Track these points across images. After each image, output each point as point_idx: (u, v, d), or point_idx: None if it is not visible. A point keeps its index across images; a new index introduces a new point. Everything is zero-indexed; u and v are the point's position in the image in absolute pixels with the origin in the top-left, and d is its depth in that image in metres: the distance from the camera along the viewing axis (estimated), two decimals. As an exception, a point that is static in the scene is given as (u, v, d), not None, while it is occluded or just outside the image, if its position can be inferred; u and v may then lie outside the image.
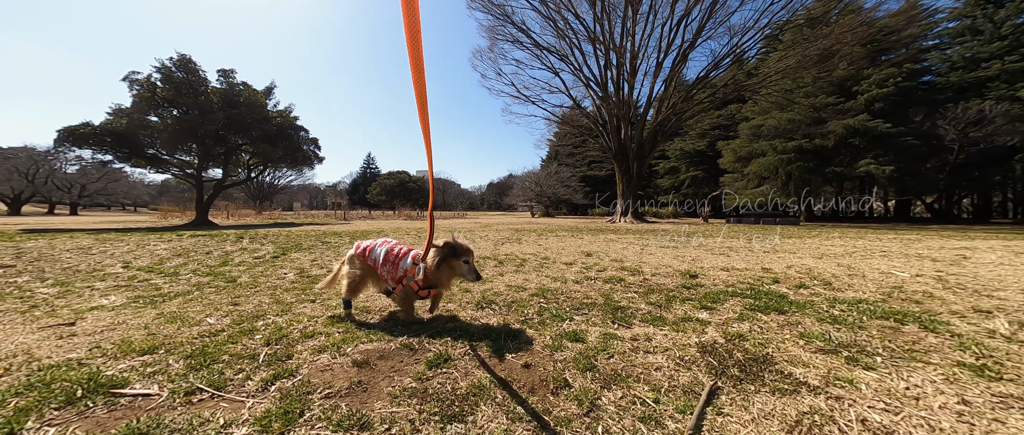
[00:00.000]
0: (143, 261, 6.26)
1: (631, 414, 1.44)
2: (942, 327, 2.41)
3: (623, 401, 1.54)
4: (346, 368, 1.92)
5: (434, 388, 1.68)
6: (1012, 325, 2.47)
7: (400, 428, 1.39)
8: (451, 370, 1.87)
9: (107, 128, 17.41)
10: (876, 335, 2.27)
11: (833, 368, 1.81)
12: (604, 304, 3.01)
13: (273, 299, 3.56)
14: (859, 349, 2.02)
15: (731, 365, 1.84)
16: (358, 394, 1.66)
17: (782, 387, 1.61)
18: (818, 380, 1.68)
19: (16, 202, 37.59)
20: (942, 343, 2.15)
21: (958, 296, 3.33)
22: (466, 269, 2.42)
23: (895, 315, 2.66)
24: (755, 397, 1.53)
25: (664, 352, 2.03)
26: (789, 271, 4.62)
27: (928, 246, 7.79)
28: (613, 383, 1.69)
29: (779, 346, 2.10)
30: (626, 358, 1.96)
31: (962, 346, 2.08)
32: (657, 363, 1.89)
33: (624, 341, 2.22)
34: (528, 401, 1.56)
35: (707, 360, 1.90)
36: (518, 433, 1.35)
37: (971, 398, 1.52)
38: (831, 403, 1.48)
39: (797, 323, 2.51)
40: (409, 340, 2.27)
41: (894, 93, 23.95)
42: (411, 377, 1.80)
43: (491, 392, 1.63)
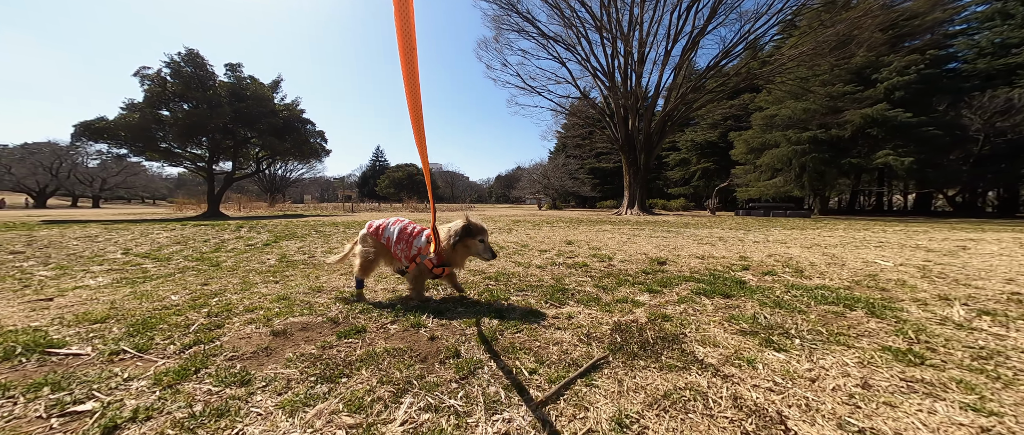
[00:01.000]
0: (143, 248, 6.49)
1: (500, 382, 1.43)
2: (891, 313, 2.31)
3: (501, 371, 1.54)
4: (263, 337, 1.99)
5: (330, 355, 1.73)
6: (970, 313, 2.35)
7: (275, 386, 1.45)
8: (358, 341, 1.92)
9: (121, 123, 17.97)
10: (813, 319, 2.19)
11: (742, 349, 1.76)
12: (551, 286, 3.00)
13: (242, 280, 3.66)
14: (783, 332, 1.95)
15: (635, 343, 1.80)
16: (259, 358, 1.72)
17: (674, 364, 1.57)
18: (717, 359, 1.63)
19: (41, 195, 39.30)
20: (881, 328, 2.06)
21: (933, 284, 3.18)
22: (482, 248, 2.45)
23: (848, 301, 2.56)
24: (638, 372, 1.50)
25: (575, 330, 2.01)
26: (767, 259, 4.50)
27: (932, 237, 7.48)
28: (504, 355, 1.68)
29: (700, 327, 2.04)
30: (533, 334, 1.95)
31: (900, 332, 1.98)
32: (560, 339, 1.88)
33: (544, 319, 2.21)
34: (412, 367, 1.59)
35: (614, 338, 1.87)
36: (380, 392, 1.37)
37: (876, 382, 1.45)
38: (714, 381, 1.44)
39: (736, 307, 2.44)
40: (336, 314, 2.33)
41: (916, 81, 22.92)
42: (316, 346, 1.85)
43: (380, 360, 1.67)
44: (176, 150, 19.87)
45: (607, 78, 24.46)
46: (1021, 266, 4.03)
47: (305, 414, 1.26)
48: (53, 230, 8.64)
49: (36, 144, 40.76)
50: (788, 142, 27.67)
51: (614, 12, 22.61)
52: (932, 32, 24.37)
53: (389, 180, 50.53)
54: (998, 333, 2.00)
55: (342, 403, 1.32)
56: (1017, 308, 2.44)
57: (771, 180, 30.22)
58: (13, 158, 39.21)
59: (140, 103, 18.48)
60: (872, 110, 23.12)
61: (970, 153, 23.21)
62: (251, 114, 19.20)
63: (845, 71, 25.33)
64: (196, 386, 1.45)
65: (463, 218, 2.48)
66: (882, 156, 23.02)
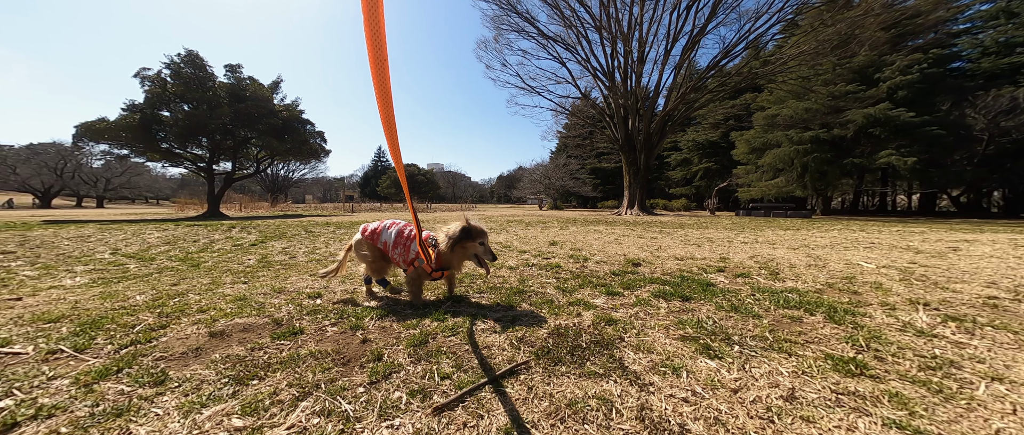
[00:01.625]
0: (132, 248, 6.54)
1: (408, 387, 1.42)
2: (851, 318, 2.25)
3: (415, 375, 1.53)
4: (200, 337, 2.00)
5: (255, 357, 1.73)
6: (936, 318, 2.29)
7: (186, 386, 1.46)
8: (290, 343, 1.92)
9: (121, 123, 18.13)
10: (765, 325, 2.14)
11: (674, 355, 1.72)
12: (512, 288, 2.97)
13: (213, 280, 3.67)
14: (725, 338, 1.91)
15: (565, 348, 1.77)
16: (186, 359, 1.73)
17: (595, 371, 1.54)
18: (643, 367, 1.60)
19: (46, 196, 39.77)
20: (834, 334, 2.01)
21: (909, 287, 3.12)
22: (483, 250, 2.41)
23: (811, 305, 2.51)
24: (555, 379, 1.48)
25: (512, 333, 1.99)
26: (747, 261, 4.45)
27: (926, 238, 7.38)
28: (425, 359, 1.67)
29: (642, 332, 2.01)
30: (467, 337, 1.93)
31: (851, 339, 1.93)
32: (492, 342, 1.86)
33: (486, 321, 2.19)
34: (329, 370, 1.59)
35: (546, 342, 1.84)
36: (284, 395, 1.38)
37: (804, 393, 1.41)
38: (629, 390, 1.40)
39: (690, 310, 2.40)
40: (283, 315, 2.33)
41: (919, 80, 22.67)
42: (246, 347, 1.85)
43: (301, 362, 1.66)
44: (176, 150, 20.02)
45: (607, 78, 24.40)
46: (1008, 268, 3.96)
47: (200, 415, 1.25)
48: (48, 230, 8.72)
49: (41, 144, 41.27)
50: (790, 142, 27.45)
51: (613, 11, 22.54)
52: (935, 31, 24.10)
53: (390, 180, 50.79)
54: (959, 341, 1.95)
55: (240, 405, 1.31)
56: (990, 313, 2.38)
57: (773, 180, 29.99)
58: (19, 158, 39.72)
59: (141, 104, 18.63)
60: (875, 109, 22.90)
61: (974, 153, 22.91)
62: (250, 115, 19.32)
63: (847, 70, 25.11)
64: (111, 385, 1.46)
65: (462, 220, 2.42)
66: (885, 156, 22.78)
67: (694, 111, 26.60)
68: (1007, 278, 3.46)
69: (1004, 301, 2.64)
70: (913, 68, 22.77)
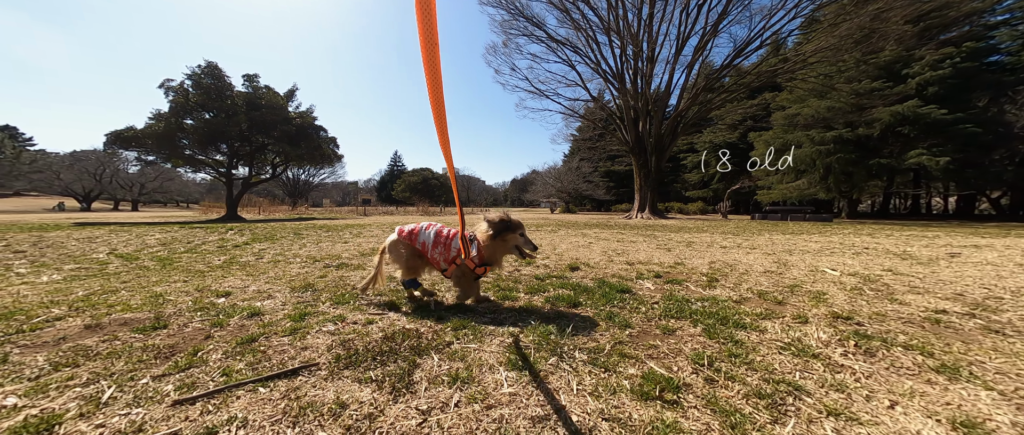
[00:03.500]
0: (129, 248, 6.84)
1: (186, 380, 1.55)
2: (730, 333, 2.07)
3: (211, 370, 1.65)
4: (75, 329, 2.19)
5: (97, 347, 1.88)
6: (838, 337, 2.05)
7: (8, 368, 1.64)
8: (140, 337, 2.07)
9: (148, 131, 19.11)
10: (621, 336, 2.03)
11: (479, 365, 1.69)
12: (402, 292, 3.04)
13: (161, 279, 3.84)
14: (556, 349, 1.84)
15: (373, 351, 1.82)
16: (40, 347, 1.91)
17: (372, 378, 1.58)
18: (430, 375, 1.60)
19: (87, 199, 42.37)
20: (690, 350, 1.85)
21: (853, 299, 2.87)
22: (523, 241, 2.44)
23: (706, 315, 2.38)
24: (329, 382, 1.55)
25: (337, 335, 2.07)
26: (700, 266, 4.34)
27: (931, 244, 6.94)
28: (235, 355, 1.80)
29: (481, 339, 2.00)
30: (297, 337, 2.04)
31: (698, 357, 1.76)
32: (310, 343, 1.94)
33: (333, 323, 2.27)
34: (143, 360, 1.75)
35: (358, 344, 1.90)
36: (74, 380, 1.56)
37: (572, 410, 1.33)
38: (379, 397, 1.42)
39: (563, 319, 2.34)
40: (172, 312, 2.49)
41: (951, 75, 21.37)
42: (101, 337, 2.02)
43: (123, 355, 1.80)
44: (198, 157, 20.96)
45: (617, 80, 24.08)
46: (995, 279, 3.66)
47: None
48: (64, 232, 9.24)
49: (83, 151, 44.07)
50: (811, 142, 26.37)
51: (622, 11, 22.26)
52: (970, 23, 22.66)
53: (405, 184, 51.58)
54: (842, 363, 1.72)
55: (28, 387, 1.47)
56: (920, 331, 2.15)
57: (794, 182, 28.87)
58: (62, 165, 42.53)
59: (166, 113, 19.61)
60: (903, 107, 21.74)
61: (1016, 152, 21.39)
62: (266, 122, 20.02)
63: (872, 67, 23.95)
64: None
65: (501, 212, 2.47)
66: (914, 156, 21.57)
67: (710, 112, 25.90)
68: (984, 289, 3.20)
69: (951, 317, 2.41)
70: (945, 63, 21.49)
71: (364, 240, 7.28)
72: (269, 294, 2.97)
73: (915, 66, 22.74)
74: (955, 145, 20.66)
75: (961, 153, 20.56)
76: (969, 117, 20.33)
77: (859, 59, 21.97)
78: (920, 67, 22.47)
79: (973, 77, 21.46)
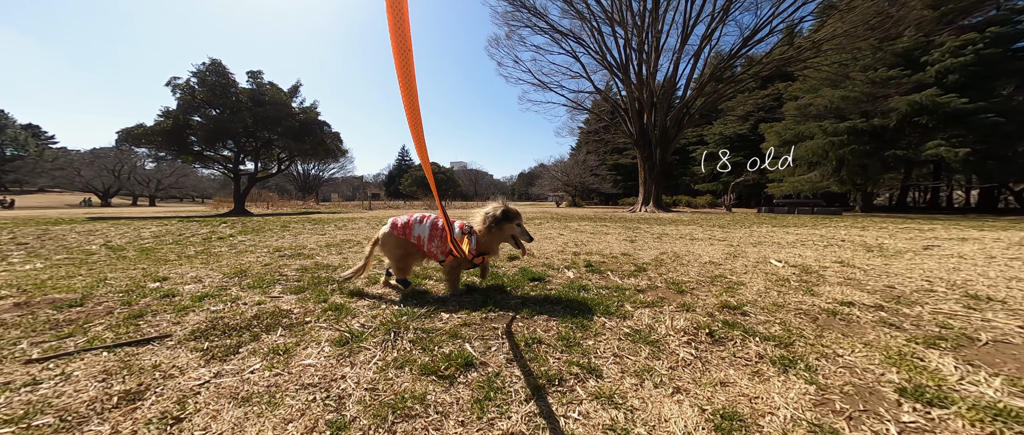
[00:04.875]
0: (123, 241, 7.02)
1: (56, 348, 1.71)
2: (580, 320, 2.06)
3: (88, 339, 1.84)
4: (7, 306, 2.34)
5: (23, 319, 2.05)
6: (696, 325, 1.99)
7: None
8: (56, 313, 2.20)
9: (157, 128, 19.57)
10: (487, 319, 2.08)
11: (319, 341, 1.80)
12: (323, 278, 3.13)
13: (123, 267, 3.96)
14: (393, 328, 1.93)
15: (231, 329, 1.93)
16: None
17: (213, 353, 1.66)
18: (272, 346, 1.72)
19: (106, 195, 43.88)
20: (530, 332, 1.90)
21: (768, 291, 2.77)
22: (519, 231, 2.49)
23: (578, 303, 2.39)
24: (167, 351, 1.67)
25: (214, 314, 2.19)
26: (645, 257, 4.35)
27: (918, 237, 6.77)
28: (124, 326, 1.98)
29: (334, 321, 2.09)
30: (181, 314, 2.20)
31: (527, 339, 1.80)
32: (193, 319, 2.08)
33: (235, 303, 2.40)
34: (38, 332, 1.91)
35: (245, 323, 2.02)
36: None
37: (348, 380, 1.42)
38: (203, 373, 1.51)
39: (453, 301, 2.44)
40: (102, 293, 2.62)
41: (973, 63, 20.37)
42: (19, 314, 2.16)
43: (24, 326, 1.95)
44: (206, 153, 21.42)
45: (621, 71, 23.66)
46: (948, 271, 3.52)
47: None
48: (68, 226, 9.55)
49: (102, 149, 45.62)
50: (824, 133, 25.52)
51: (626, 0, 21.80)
52: (995, 7, 21.54)
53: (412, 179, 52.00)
54: (672, 350, 1.68)
55: None
56: (799, 323, 2.07)
57: (807, 175, 28.05)
58: (83, 162, 44.08)
59: (174, 110, 20.05)
60: (921, 96, 20.83)
61: (1043, 142, 20.34)
62: (270, 118, 20.31)
63: (889, 54, 22.99)
64: None
65: (500, 202, 2.47)
66: (932, 147, 20.69)
67: (719, 103, 25.28)
68: (924, 282, 3.06)
69: (855, 309, 2.31)
70: (966, 49, 20.48)
71: (343, 233, 7.35)
72: (200, 279, 3.08)
73: (935, 53, 21.75)
74: (976, 136, 19.75)
75: (982, 144, 19.66)
76: (991, 106, 19.39)
77: (876, 46, 21.10)
78: (940, 54, 21.49)
79: (997, 64, 20.42)
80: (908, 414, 1.21)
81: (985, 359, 1.62)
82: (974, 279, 3.18)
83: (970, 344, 1.80)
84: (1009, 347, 1.77)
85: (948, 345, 1.76)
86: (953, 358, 1.61)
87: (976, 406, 1.23)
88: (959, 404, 1.24)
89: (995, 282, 3.06)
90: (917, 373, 1.47)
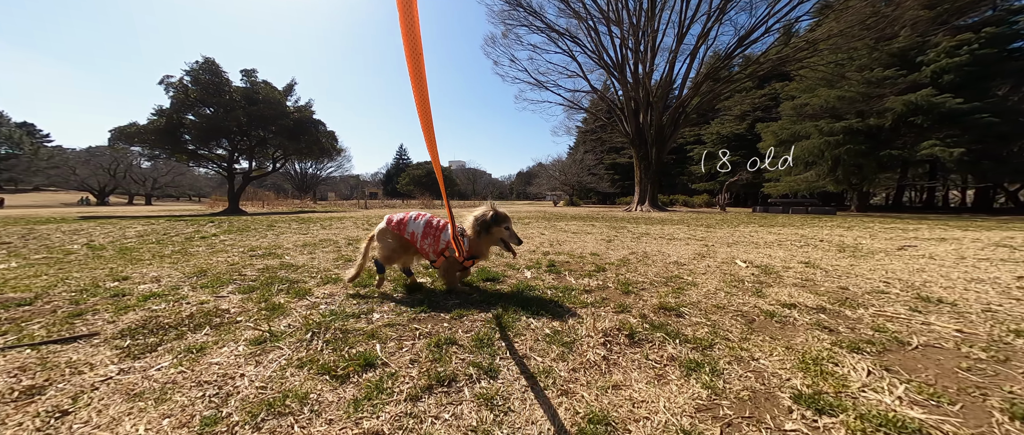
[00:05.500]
0: (106, 240, 6.97)
1: None
2: (511, 318, 2.11)
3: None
4: None
5: None
6: (620, 325, 2.00)
7: None
8: (15, 311, 2.20)
9: (150, 127, 19.50)
10: (415, 320, 2.10)
11: (236, 339, 1.82)
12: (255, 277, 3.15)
13: (97, 265, 3.97)
14: (315, 327, 1.96)
15: (177, 326, 1.97)
16: None
17: (130, 350, 1.68)
18: (191, 344, 1.74)
19: (102, 194, 43.73)
20: (450, 333, 1.92)
21: (717, 292, 2.75)
22: (508, 234, 2.47)
23: (514, 303, 2.38)
24: (86, 349, 1.67)
25: (148, 311, 2.23)
26: (615, 257, 4.34)
27: (896, 236, 6.92)
28: (61, 324, 1.99)
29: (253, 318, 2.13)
30: (135, 313, 2.20)
31: (438, 341, 1.83)
32: (129, 318, 2.08)
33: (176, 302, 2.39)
34: None
35: (175, 322, 2.02)
36: None
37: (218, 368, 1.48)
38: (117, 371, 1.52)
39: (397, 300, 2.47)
40: (39, 290, 2.61)
41: (969, 63, 20.35)
42: None
43: None
44: (200, 151, 21.35)
45: (617, 70, 23.62)
46: (906, 273, 3.49)
47: None
48: (53, 225, 9.49)
49: (98, 147, 45.45)
50: (820, 133, 25.48)
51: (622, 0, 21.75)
52: (993, 7, 21.53)
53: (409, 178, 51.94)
54: (584, 350, 1.70)
55: None
56: (732, 324, 2.05)
57: (803, 174, 28.03)
58: (78, 160, 43.92)
59: (167, 109, 19.98)
60: (916, 96, 20.79)
61: (1038, 142, 20.35)
62: (264, 116, 20.24)
63: (885, 54, 22.97)
64: None
65: (488, 206, 2.47)
66: (927, 147, 20.68)
67: (716, 103, 25.26)
68: (883, 283, 3.04)
69: (795, 312, 2.27)
70: (962, 49, 20.46)
71: (327, 232, 7.32)
72: (158, 279, 3.08)
73: (930, 53, 21.73)
74: (971, 136, 19.73)
75: (978, 144, 19.64)
76: (987, 106, 19.38)
77: (871, 46, 21.07)
78: (936, 54, 21.47)
79: (993, 64, 20.41)
80: (793, 422, 1.18)
81: (906, 365, 1.59)
82: (934, 280, 3.15)
83: (899, 349, 1.75)
84: (937, 352, 1.72)
85: (873, 349, 1.72)
86: (870, 363, 1.57)
87: (865, 415, 1.19)
88: (849, 412, 1.21)
89: (954, 284, 3.03)
90: (822, 379, 1.43)
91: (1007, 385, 1.41)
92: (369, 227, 8.42)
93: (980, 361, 1.62)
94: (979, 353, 1.69)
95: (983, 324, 2.06)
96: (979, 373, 1.51)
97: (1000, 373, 1.51)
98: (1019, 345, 1.78)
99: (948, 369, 1.55)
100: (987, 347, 1.75)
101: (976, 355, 1.67)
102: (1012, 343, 1.80)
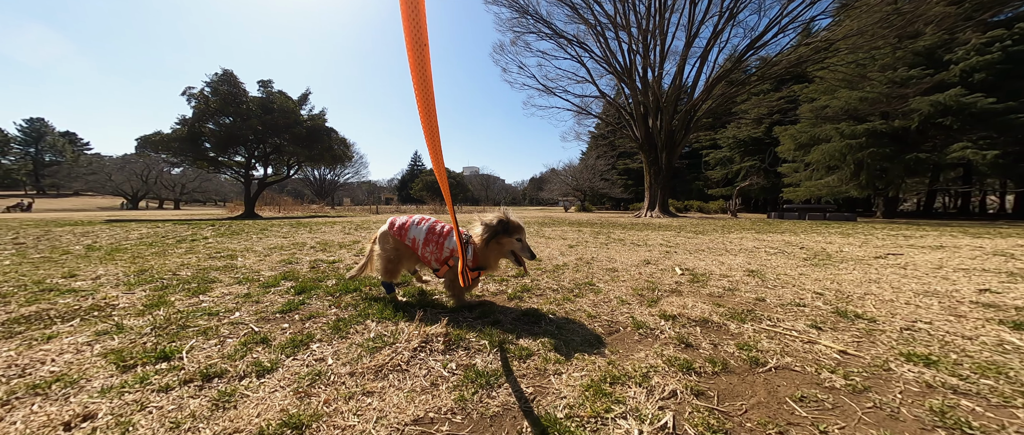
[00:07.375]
0: (108, 241, 7.32)
1: None
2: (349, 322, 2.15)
3: None
4: None
5: None
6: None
7: None
8: None
9: (173, 136, 20.50)
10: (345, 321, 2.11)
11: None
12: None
13: (77, 264, 4.08)
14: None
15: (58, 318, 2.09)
16: None
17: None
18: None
19: (134, 199, 46.21)
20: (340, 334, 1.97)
21: (619, 307, 2.55)
22: (520, 246, 2.21)
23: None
24: None
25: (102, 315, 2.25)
26: (558, 261, 4.33)
27: (890, 243, 6.45)
28: None
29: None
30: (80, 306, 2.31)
31: (336, 325, 2.05)
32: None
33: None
34: None
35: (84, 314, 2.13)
36: None
37: None
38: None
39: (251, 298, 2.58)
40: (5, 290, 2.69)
41: (1001, 60, 19.21)
42: None
43: None
44: (220, 158, 22.28)
45: (626, 75, 23.38)
46: (856, 284, 3.25)
47: None
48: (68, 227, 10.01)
49: (132, 154, 48.14)
50: (841, 136, 24.49)
51: (630, 3, 21.58)
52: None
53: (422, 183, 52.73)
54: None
55: None
56: (612, 337, 1.96)
57: (824, 179, 26.96)
58: (114, 167, 46.60)
59: (190, 118, 20.97)
60: (944, 96, 19.73)
61: (1082, 144, 18.93)
62: (278, 125, 20.97)
63: (910, 53, 21.93)
64: None
65: (499, 212, 2.23)
66: (958, 150, 19.59)
67: (731, 107, 24.64)
68: (815, 295, 2.84)
69: (667, 325, 2.12)
70: (994, 46, 19.34)
71: (315, 236, 7.46)
72: (98, 276, 3.25)
73: (959, 51, 20.62)
74: (1010, 138, 18.57)
75: (1015, 146, 18.46)
76: (1022, 106, 18.20)
77: (895, 45, 20.14)
78: (965, 52, 20.37)
79: (1029, 61, 19.19)
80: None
81: (729, 390, 1.40)
82: (879, 293, 2.89)
83: (745, 370, 1.56)
84: (784, 377, 1.52)
85: (714, 369, 1.55)
86: (682, 385, 1.41)
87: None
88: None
89: (899, 297, 2.77)
90: (600, 401, 1.30)
91: (826, 422, 1.21)
92: (353, 232, 8.55)
93: (831, 390, 1.41)
94: (838, 380, 1.48)
95: (880, 346, 1.82)
96: (809, 406, 1.31)
97: (837, 407, 1.30)
98: (898, 373, 1.55)
99: (777, 398, 1.35)
100: (856, 374, 1.53)
101: (832, 383, 1.47)
102: (891, 371, 1.57)
